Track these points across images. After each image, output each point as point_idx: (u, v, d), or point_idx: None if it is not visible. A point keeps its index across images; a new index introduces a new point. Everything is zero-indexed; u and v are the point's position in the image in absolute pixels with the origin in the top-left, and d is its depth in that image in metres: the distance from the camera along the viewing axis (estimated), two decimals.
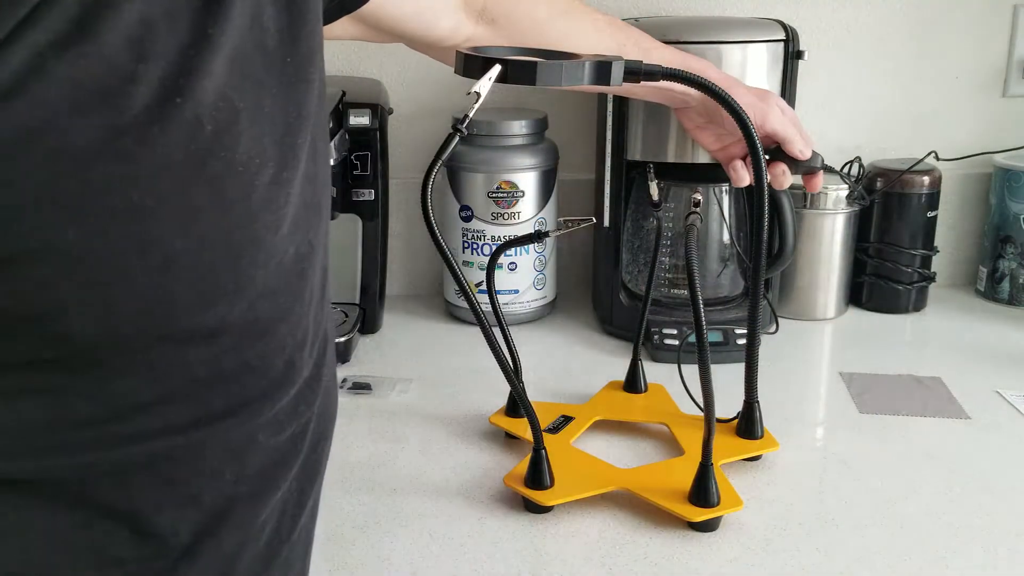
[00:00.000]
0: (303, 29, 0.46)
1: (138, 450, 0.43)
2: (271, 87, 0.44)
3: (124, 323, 0.40)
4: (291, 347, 0.48)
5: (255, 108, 0.43)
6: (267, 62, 0.44)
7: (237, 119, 0.42)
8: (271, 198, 0.44)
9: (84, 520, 0.43)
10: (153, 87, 0.38)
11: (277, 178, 0.44)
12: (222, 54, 0.41)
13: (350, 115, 1.10)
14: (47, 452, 0.41)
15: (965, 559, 0.72)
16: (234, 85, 0.41)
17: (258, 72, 0.43)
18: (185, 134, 0.40)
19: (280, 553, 0.51)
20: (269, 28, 0.44)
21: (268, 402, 0.47)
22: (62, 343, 0.40)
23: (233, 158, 0.42)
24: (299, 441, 0.51)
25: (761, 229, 0.78)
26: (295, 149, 0.46)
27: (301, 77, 0.46)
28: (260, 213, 0.44)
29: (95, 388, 0.41)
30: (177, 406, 0.43)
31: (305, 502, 0.53)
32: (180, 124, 0.39)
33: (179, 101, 0.39)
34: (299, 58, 0.46)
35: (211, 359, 0.44)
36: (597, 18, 0.90)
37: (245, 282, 0.44)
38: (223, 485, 0.47)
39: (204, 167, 0.41)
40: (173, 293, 0.41)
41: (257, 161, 0.43)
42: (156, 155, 0.39)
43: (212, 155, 0.41)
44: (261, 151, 0.43)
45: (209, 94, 0.40)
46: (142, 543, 0.44)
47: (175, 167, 0.40)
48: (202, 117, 0.40)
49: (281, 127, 0.45)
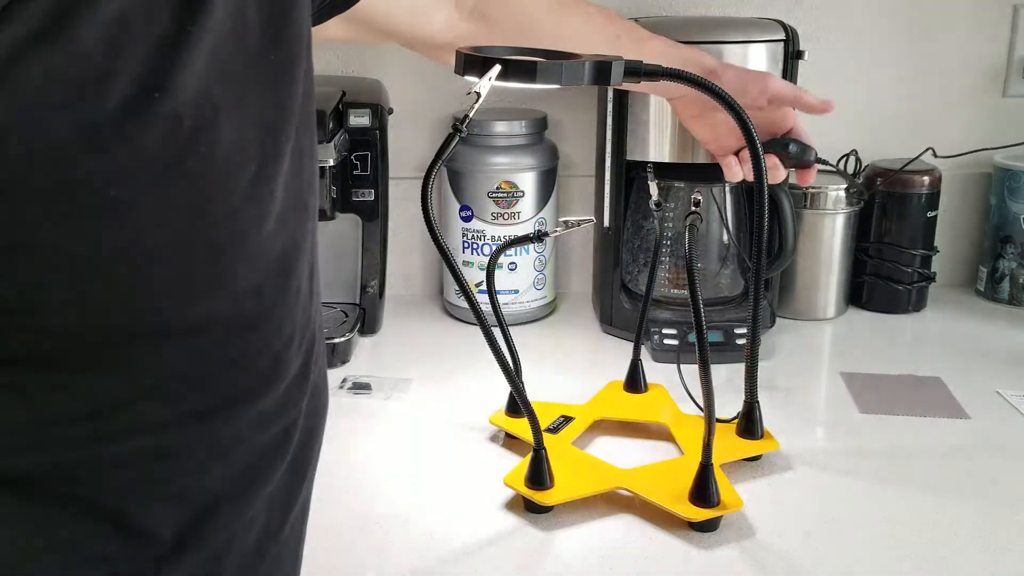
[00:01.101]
0: (287, 28, 0.46)
1: (121, 447, 0.43)
2: (253, 85, 0.44)
3: (103, 319, 0.40)
4: (277, 345, 0.48)
5: (236, 105, 0.43)
6: (249, 60, 0.44)
7: (217, 116, 0.42)
8: (254, 195, 0.44)
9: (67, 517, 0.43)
10: (130, 82, 0.38)
11: (260, 175, 0.44)
12: (201, 50, 0.41)
13: (350, 115, 1.10)
14: (28, 449, 0.41)
15: (965, 559, 0.72)
16: (214, 81, 0.41)
17: (239, 69, 0.43)
18: (163, 130, 0.39)
19: (269, 551, 0.51)
20: (251, 26, 0.44)
21: (254, 399, 0.47)
22: (40, 340, 0.40)
23: (213, 154, 0.42)
24: (286, 438, 0.51)
25: (761, 229, 0.78)
26: (278, 147, 0.46)
27: (285, 75, 0.46)
28: (242, 210, 0.43)
29: (75, 385, 0.41)
30: (159, 403, 0.43)
31: (294, 499, 0.53)
32: (158, 120, 0.39)
33: (157, 96, 0.39)
34: (283, 56, 0.46)
35: (194, 356, 0.44)
36: (590, 11, 0.90)
37: (228, 279, 0.44)
38: (208, 482, 0.47)
39: (183, 163, 0.40)
40: (153, 289, 0.41)
41: (238, 158, 0.43)
42: (134, 150, 0.39)
43: (191, 151, 0.41)
44: (243, 148, 0.43)
45: (188, 90, 0.40)
46: (127, 540, 0.44)
47: (153, 163, 0.39)
48: (181, 113, 0.40)
49: (263, 125, 0.45)
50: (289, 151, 0.47)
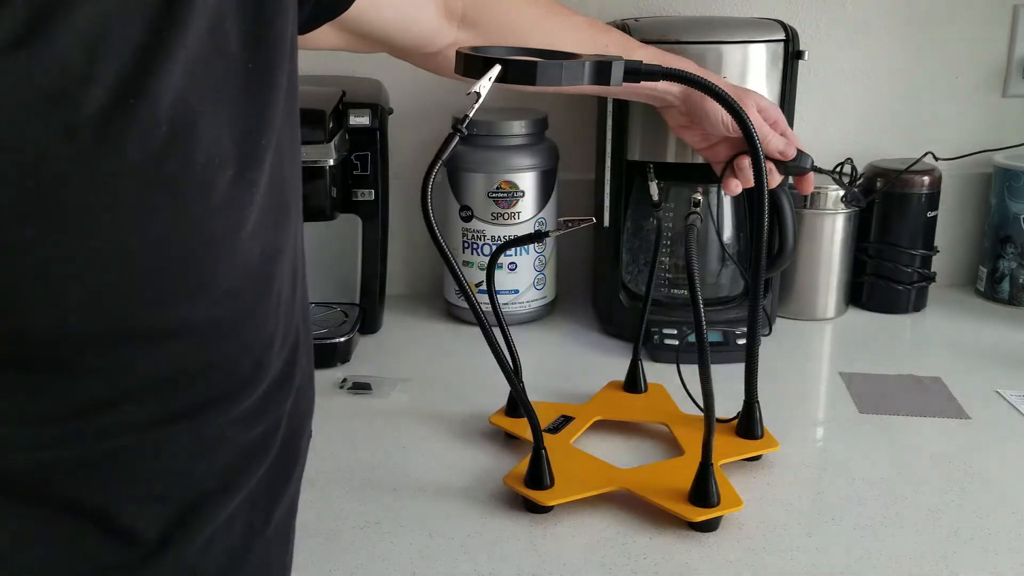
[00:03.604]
0: (268, 35, 0.47)
1: (103, 447, 0.43)
2: (231, 90, 0.44)
3: (82, 321, 0.41)
4: (258, 347, 0.48)
5: (214, 110, 0.43)
6: (228, 66, 0.44)
7: (195, 120, 0.42)
8: (232, 199, 0.44)
9: (50, 517, 0.43)
10: (108, 87, 0.39)
11: (239, 179, 0.44)
12: (178, 56, 0.41)
13: (350, 115, 1.10)
14: (10, 449, 0.42)
15: (965, 559, 0.72)
16: (191, 87, 0.42)
17: (217, 75, 0.44)
18: (141, 134, 0.40)
19: (254, 547, 0.52)
20: (231, 33, 0.44)
21: (234, 401, 0.48)
22: (19, 341, 0.40)
23: (191, 159, 0.42)
24: (270, 438, 0.51)
25: (761, 229, 0.78)
26: (258, 151, 0.46)
27: (265, 82, 0.46)
28: (221, 213, 0.44)
29: (56, 385, 0.41)
30: (140, 404, 0.44)
31: (279, 496, 0.54)
32: (136, 124, 0.40)
33: (133, 102, 0.39)
34: (262, 62, 0.46)
35: (174, 358, 0.44)
36: (578, 20, 0.90)
37: (207, 281, 0.44)
38: (191, 481, 0.47)
39: (161, 167, 0.41)
40: (132, 292, 0.41)
41: (216, 162, 0.43)
42: (111, 155, 0.39)
43: (169, 155, 0.41)
44: (221, 152, 0.43)
45: (165, 95, 0.40)
46: (110, 539, 0.45)
47: (132, 167, 0.40)
48: (159, 117, 0.40)
49: (242, 129, 0.45)
50: (269, 155, 0.47)
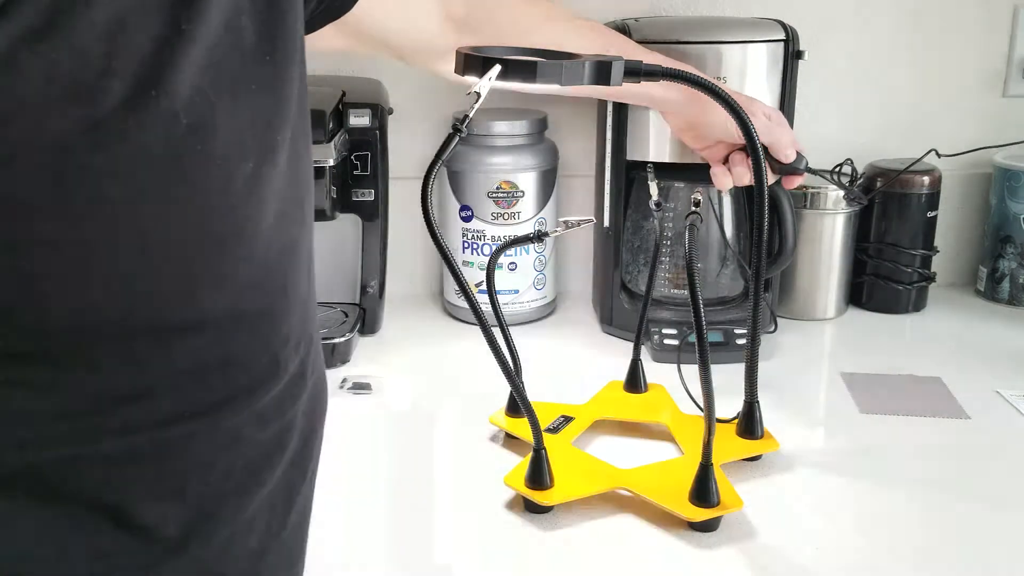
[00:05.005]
0: (282, 31, 0.47)
1: (122, 443, 0.43)
2: (248, 84, 0.45)
3: (103, 315, 0.41)
4: (275, 343, 0.48)
5: (232, 104, 0.43)
6: (244, 60, 0.44)
7: (213, 114, 0.42)
8: (251, 193, 0.44)
9: (68, 513, 0.43)
10: (128, 80, 0.39)
11: (256, 173, 0.45)
12: (196, 50, 0.41)
13: (350, 115, 1.10)
14: (29, 445, 0.42)
15: (965, 559, 0.72)
16: (209, 80, 0.42)
17: (235, 69, 0.44)
18: (161, 127, 0.40)
19: (271, 549, 0.52)
20: (247, 28, 0.45)
21: (252, 397, 0.48)
22: (41, 335, 0.40)
23: (211, 152, 0.42)
24: (285, 437, 0.51)
25: (761, 229, 0.78)
26: (274, 145, 0.46)
27: (279, 76, 0.47)
28: (240, 206, 0.44)
29: (76, 380, 0.41)
30: (160, 399, 0.44)
31: (295, 498, 0.54)
32: (156, 117, 0.40)
33: (154, 94, 0.40)
34: (277, 57, 0.47)
35: (194, 352, 0.44)
36: (579, 24, 0.90)
37: (227, 274, 0.44)
38: (209, 479, 0.47)
39: (181, 160, 0.41)
40: (153, 285, 0.42)
41: (235, 156, 0.43)
42: (133, 147, 0.39)
43: (189, 148, 0.41)
44: (239, 146, 0.44)
45: (184, 88, 0.41)
46: (128, 536, 0.44)
47: (152, 160, 0.40)
48: (177, 111, 0.40)
49: (259, 124, 0.45)
50: (285, 149, 0.47)
